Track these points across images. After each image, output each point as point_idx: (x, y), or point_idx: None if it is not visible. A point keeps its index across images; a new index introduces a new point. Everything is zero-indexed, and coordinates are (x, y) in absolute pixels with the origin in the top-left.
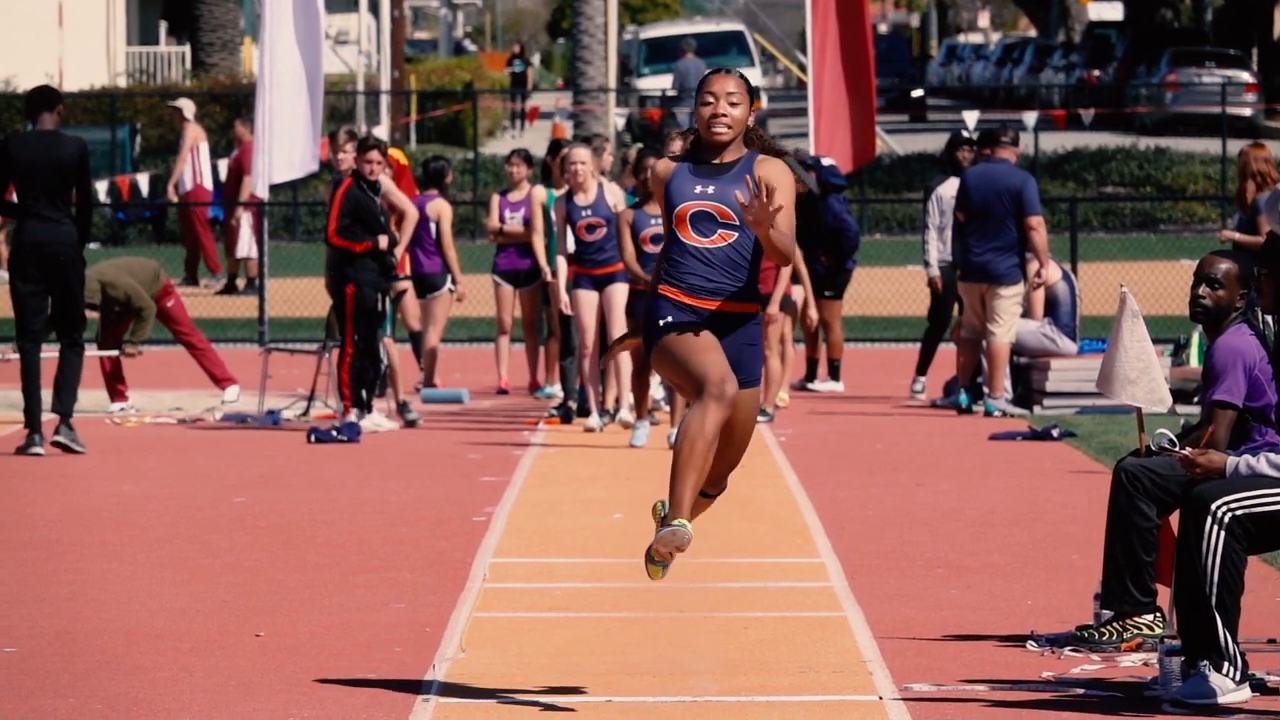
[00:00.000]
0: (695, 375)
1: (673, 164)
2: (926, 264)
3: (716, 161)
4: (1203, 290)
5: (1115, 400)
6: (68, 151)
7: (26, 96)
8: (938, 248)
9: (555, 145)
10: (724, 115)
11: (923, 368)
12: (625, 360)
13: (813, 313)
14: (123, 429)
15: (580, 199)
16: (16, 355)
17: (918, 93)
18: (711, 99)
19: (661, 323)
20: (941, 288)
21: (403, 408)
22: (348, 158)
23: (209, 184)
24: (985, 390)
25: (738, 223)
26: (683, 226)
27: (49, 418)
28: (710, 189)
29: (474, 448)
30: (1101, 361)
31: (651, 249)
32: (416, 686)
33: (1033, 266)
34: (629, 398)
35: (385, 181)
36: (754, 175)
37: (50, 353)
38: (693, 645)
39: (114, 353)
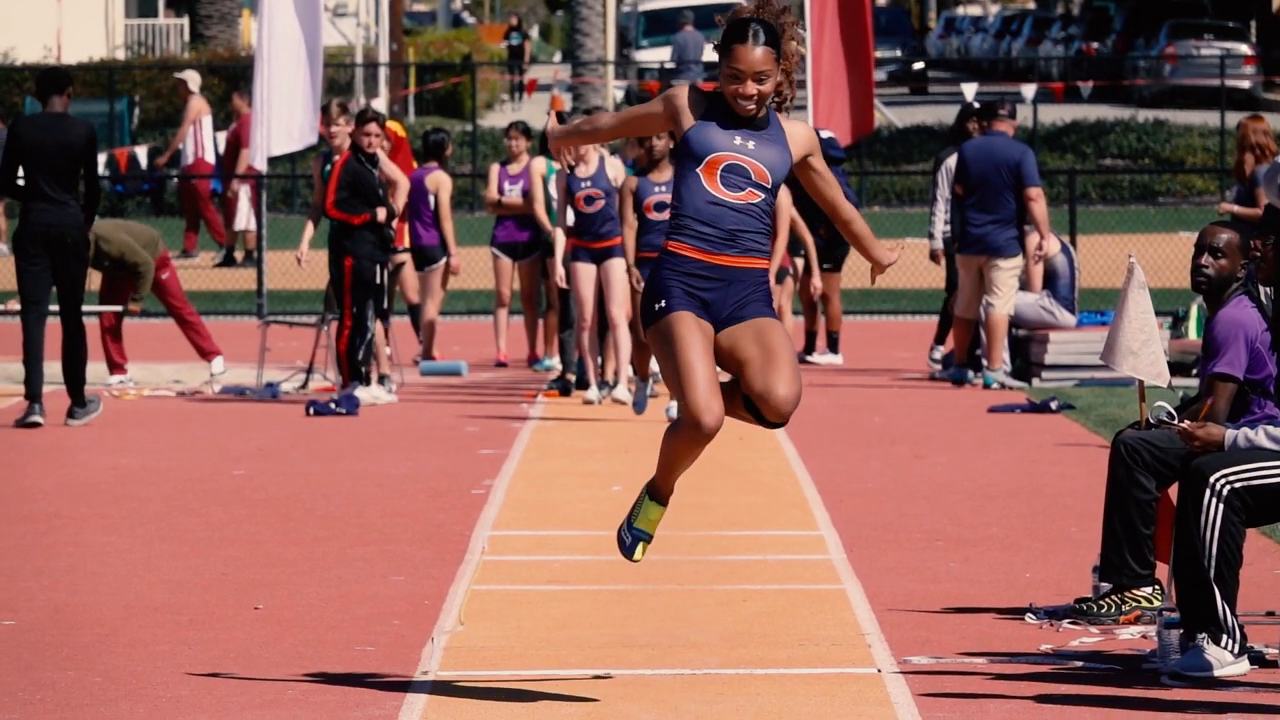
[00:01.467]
0: (680, 387)
1: (690, 99)
2: (931, 235)
3: (746, 115)
4: (1205, 259)
5: (1116, 370)
6: (76, 134)
7: (37, 78)
8: (944, 220)
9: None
10: (752, 94)
11: (941, 336)
12: (625, 334)
13: (817, 281)
14: (121, 401)
15: (581, 171)
16: (18, 308)
17: (919, 66)
18: (738, 76)
19: (658, 306)
20: (944, 261)
21: (382, 380)
22: (341, 131)
23: (211, 157)
24: (984, 362)
25: (770, 185)
26: (711, 175)
27: (50, 389)
28: (751, 144)
29: (472, 420)
30: (1107, 331)
31: (655, 216)
32: (415, 659)
33: (1033, 239)
34: (628, 371)
35: (380, 154)
36: (788, 144)
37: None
38: (691, 618)
39: (117, 308)
